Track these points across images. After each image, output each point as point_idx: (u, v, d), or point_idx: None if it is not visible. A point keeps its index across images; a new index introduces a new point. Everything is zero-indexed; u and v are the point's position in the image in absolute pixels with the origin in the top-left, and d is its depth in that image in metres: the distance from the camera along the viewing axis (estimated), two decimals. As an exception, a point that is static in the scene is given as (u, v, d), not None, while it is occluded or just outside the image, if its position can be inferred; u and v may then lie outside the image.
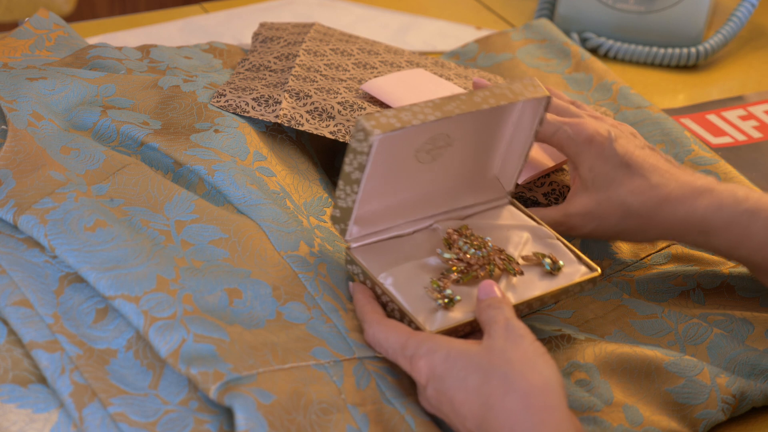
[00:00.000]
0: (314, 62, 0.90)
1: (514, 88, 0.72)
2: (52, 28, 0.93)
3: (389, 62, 0.95)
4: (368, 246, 0.73)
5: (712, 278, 0.80)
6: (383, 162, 0.71)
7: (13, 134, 0.75)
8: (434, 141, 0.72)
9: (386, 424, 0.63)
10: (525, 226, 0.76)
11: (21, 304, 0.66)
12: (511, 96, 0.71)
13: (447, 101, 0.69)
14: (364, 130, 0.66)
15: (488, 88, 0.72)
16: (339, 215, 0.71)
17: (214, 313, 0.65)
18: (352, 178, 0.68)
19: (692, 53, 1.16)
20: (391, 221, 0.74)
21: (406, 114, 0.68)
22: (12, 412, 0.62)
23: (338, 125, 0.81)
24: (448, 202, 0.76)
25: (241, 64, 0.90)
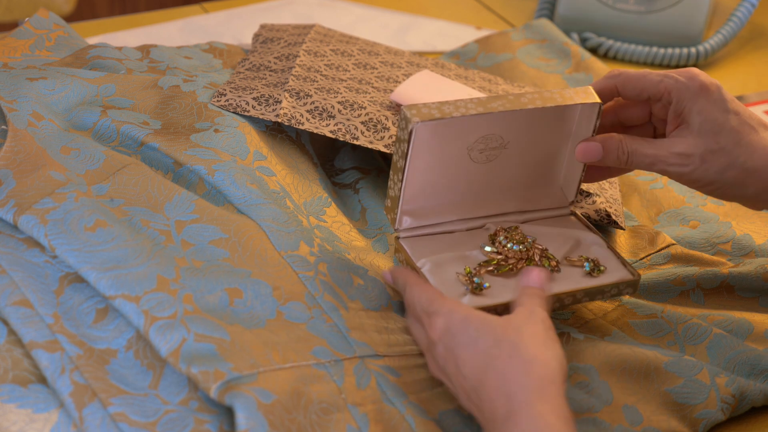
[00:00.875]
0: (314, 62, 0.90)
1: (564, 93, 0.73)
2: (52, 28, 0.93)
3: (389, 63, 0.95)
4: (416, 238, 0.75)
5: (711, 278, 0.80)
6: (431, 154, 0.73)
7: (13, 134, 0.75)
8: (486, 141, 0.74)
9: (386, 423, 0.63)
10: (578, 233, 0.77)
11: (21, 304, 0.66)
12: (559, 100, 0.72)
13: (492, 99, 0.71)
14: (405, 118, 0.69)
15: (537, 91, 0.73)
16: (389, 204, 0.74)
17: (215, 313, 0.65)
18: (398, 167, 0.71)
19: (692, 53, 1.16)
20: (444, 217, 0.76)
21: (448, 107, 0.70)
22: (12, 412, 0.62)
23: (338, 124, 0.81)
24: (505, 205, 0.78)
25: (242, 64, 0.90)
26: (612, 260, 0.75)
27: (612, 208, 0.84)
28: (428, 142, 0.72)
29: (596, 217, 0.82)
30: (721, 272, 0.80)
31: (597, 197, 0.84)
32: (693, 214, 0.89)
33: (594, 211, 0.83)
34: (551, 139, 0.76)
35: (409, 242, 0.75)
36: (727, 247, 0.85)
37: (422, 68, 0.96)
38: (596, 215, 0.82)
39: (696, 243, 0.85)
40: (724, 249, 0.85)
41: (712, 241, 0.86)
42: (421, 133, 0.71)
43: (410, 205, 0.75)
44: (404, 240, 0.75)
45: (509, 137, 0.74)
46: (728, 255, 0.85)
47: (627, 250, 0.84)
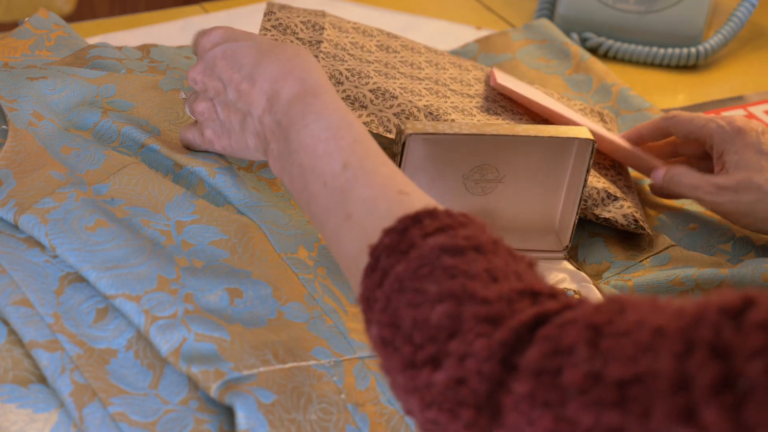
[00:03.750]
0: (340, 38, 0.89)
1: (558, 128, 0.74)
2: (52, 28, 0.93)
3: (409, 47, 0.94)
4: None
5: (711, 279, 0.80)
6: (425, 174, 0.73)
7: (13, 134, 0.75)
8: (482, 172, 0.75)
9: (386, 424, 0.64)
10: (568, 271, 0.77)
11: (21, 304, 0.66)
12: (554, 132, 0.73)
13: (488, 125, 0.73)
14: (399, 131, 0.72)
15: (533, 125, 0.75)
16: None
17: (215, 313, 0.65)
18: None
19: (692, 53, 1.16)
20: None
21: (442, 125, 0.72)
22: (12, 412, 0.62)
23: (371, 115, 0.80)
24: None
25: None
26: (596, 295, 0.77)
27: (638, 213, 0.84)
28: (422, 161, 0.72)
29: (624, 222, 0.82)
30: (721, 272, 0.80)
31: (624, 201, 0.84)
32: (693, 217, 0.89)
33: (622, 215, 0.83)
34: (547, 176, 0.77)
35: None
36: (726, 247, 0.85)
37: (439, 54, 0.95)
38: (624, 220, 0.82)
39: (696, 244, 0.85)
40: (723, 250, 0.85)
41: (711, 241, 0.86)
42: (414, 148, 0.71)
43: None
44: None
45: (505, 170, 0.75)
46: (728, 255, 0.85)
47: (627, 251, 0.84)
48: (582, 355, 0.44)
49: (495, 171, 0.76)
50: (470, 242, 0.52)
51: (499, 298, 0.49)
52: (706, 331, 0.41)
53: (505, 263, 0.51)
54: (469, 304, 0.49)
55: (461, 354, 0.48)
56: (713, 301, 0.42)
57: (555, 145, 0.76)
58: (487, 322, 0.48)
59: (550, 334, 0.46)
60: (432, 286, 0.50)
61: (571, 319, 0.46)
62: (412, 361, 0.50)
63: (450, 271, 0.50)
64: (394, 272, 0.52)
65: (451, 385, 0.48)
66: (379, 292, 0.53)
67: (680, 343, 0.41)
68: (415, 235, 0.53)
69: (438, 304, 0.49)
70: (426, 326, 0.50)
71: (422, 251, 0.52)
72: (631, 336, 0.43)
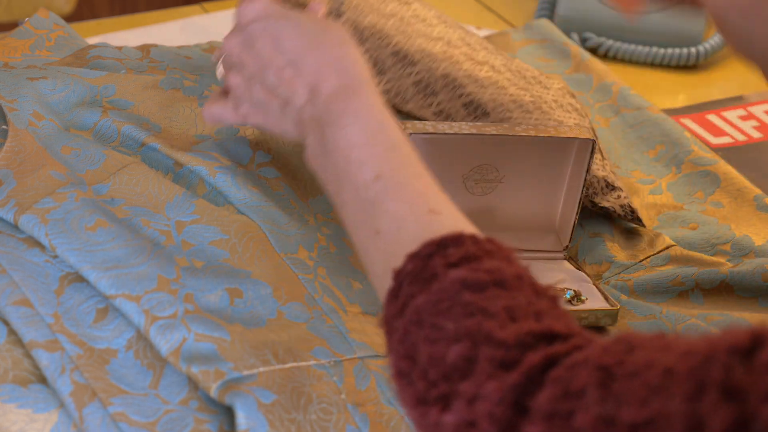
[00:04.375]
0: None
1: (558, 127, 0.74)
2: (52, 28, 0.93)
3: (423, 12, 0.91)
4: None
5: (710, 278, 0.80)
6: None
7: (13, 134, 0.75)
8: (482, 172, 0.75)
9: (386, 424, 0.64)
10: (568, 270, 0.78)
11: (21, 304, 0.66)
12: (553, 132, 0.73)
13: (487, 125, 0.73)
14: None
15: (532, 124, 0.75)
16: None
17: (215, 312, 0.65)
18: None
19: (692, 53, 1.16)
20: None
21: (443, 125, 0.72)
22: (12, 412, 0.62)
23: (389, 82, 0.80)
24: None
25: None
26: (596, 295, 0.77)
27: (633, 204, 0.84)
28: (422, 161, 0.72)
29: (621, 213, 0.83)
30: (721, 272, 0.80)
31: (621, 191, 0.84)
32: (692, 217, 0.89)
33: (620, 206, 0.83)
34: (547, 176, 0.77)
35: None
36: (726, 247, 0.85)
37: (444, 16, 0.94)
38: (621, 210, 0.83)
39: (695, 244, 0.85)
40: (723, 250, 0.85)
41: (711, 241, 0.86)
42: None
43: None
44: None
45: (505, 170, 0.75)
46: (728, 255, 0.85)
47: (627, 251, 0.84)
48: (593, 398, 0.44)
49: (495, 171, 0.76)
50: (493, 276, 0.51)
51: (515, 341, 0.48)
52: (717, 371, 0.40)
53: (527, 301, 0.50)
54: (484, 347, 0.48)
55: (472, 396, 0.47)
56: (722, 340, 0.42)
57: (555, 145, 0.76)
58: (500, 366, 0.48)
59: (560, 376, 0.46)
60: (450, 324, 0.50)
61: (581, 360, 0.46)
62: (425, 398, 0.50)
63: (469, 308, 0.50)
64: (414, 304, 0.51)
65: (460, 427, 0.48)
66: (399, 322, 0.52)
67: (691, 384, 0.41)
68: (438, 264, 0.52)
69: (454, 344, 0.49)
70: (441, 364, 0.49)
71: (443, 284, 0.51)
72: (642, 377, 0.43)
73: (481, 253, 0.52)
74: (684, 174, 0.93)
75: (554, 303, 0.52)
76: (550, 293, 0.52)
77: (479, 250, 0.53)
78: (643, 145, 0.97)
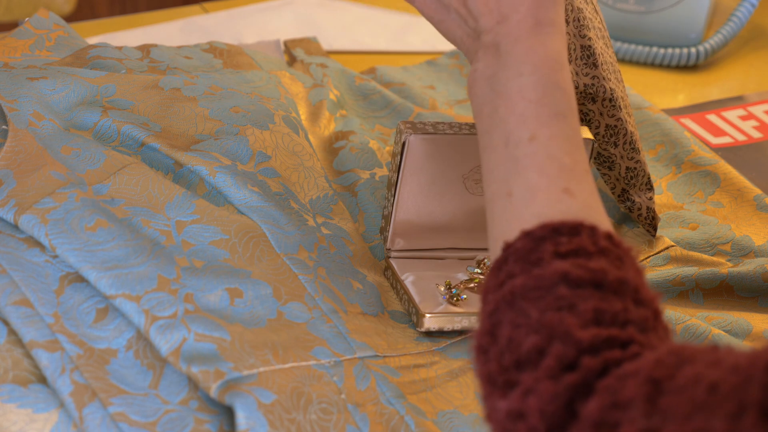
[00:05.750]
0: None
1: None
2: (52, 28, 0.93)
3: None
4: (408, 259, 0.76)
5: (710, 278, 0.80)
6: (425, 175, 0.73)
7: (13, 134, 0.75)
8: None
9: (386, 424, 0.64)
10: None
11: (21, 304, 0.66)
12: None
13: None
14: (399, 131, 0.72)
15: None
16: (383, 224, 0.76)
17: (215, 312, 0.65)
18: (391, 182, 0.73)
19: (692, 53, 1.16)
20: (438, 244, 0.77)
21: (443, 125, 0.73)
22: (12, 412, 0.62)
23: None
24: None
25: None
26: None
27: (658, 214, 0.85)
28: (422, 162, 0.73)
29: (645, 213, 0.83)
30: (721, 272, 0.80)
31: (653, 194, 0.84)
32: (692, 217, 0.89)
33: (646, 207, 0.83)
34: None
35: (398, 262, 0.76)
36: (726, 247, 0.85)
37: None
38: (646, 212, 0.83)
39: (695, 244, 0.85)
40: (723, 250, 0.85)
41: (711, 242, 0.86)
42: (414, 148, 0.72)
43: (403, 228, 0.76)
44: (394, 260, 0.76)
45: None
46: (728, 255, 0.85)
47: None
48: (639, 411, 0.44)
49: None
50: (594, 276, 0.50)
51: (590, 343, 0.48)
52: (756, 390, 0.41)
53: (622, 307, 0.50)
54: (558, 342, 0.48)
55: (527, 388, 0.48)
56: (762, 356, 0.42)
57: None
58: (566, 364, 0.48)
59: (610, 385, 0.46)
60: (535, 312, 0.50)
61: (633, 371, 0.46)
62: (494, 379, 0.50)
63: (559, 303, 0.49)
64: (511, 283, 0.51)
65: (512, 416, 0.48)
66: (493, 296, 0.52)
67: (733, 403, 0.41)
68: (547, 250, 0.51)
69: (533, 334, 0.49)
70: (516, 351, 0.49)
71: (544, 272, 0.51)
72: (688, 393, 0.43)
73: (594, 249, 0.52)
74: (684, 174, 0.93)
75: (655, 314, 0.51)
76: (653, 305, 0.51)
77: (592, 246, 0.52)
78: (643, 145, 0.97)
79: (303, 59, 0.99)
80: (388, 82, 1.01)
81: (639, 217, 0.83)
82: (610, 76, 0.82)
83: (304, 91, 0.92)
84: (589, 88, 0.80)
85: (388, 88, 0.99)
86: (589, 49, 0.80)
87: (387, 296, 0.74)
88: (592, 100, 0.79)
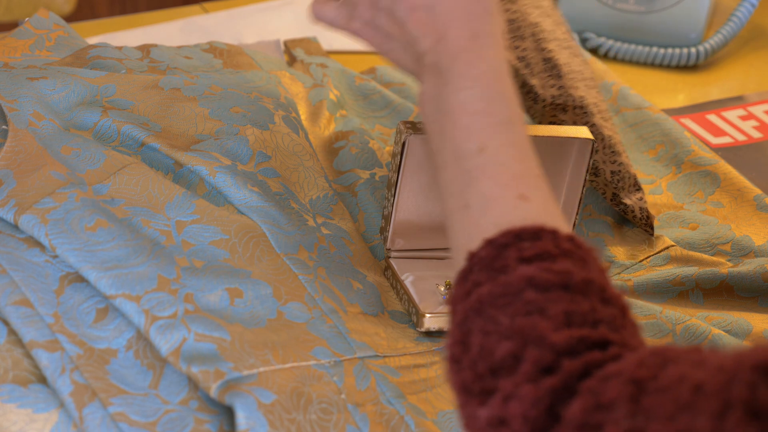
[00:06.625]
0: None
1: (558, 128, 0.75)
2: (52, 28, 0.93)
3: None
4: (408, 259, 0.76)
5: (710, 278, 0.80)
6: (424, 173, 0.73)
7: (13, 134, 0.75)
8: None
9: (386, 424, 0.64)
10: None
11: (21, 304, 0.66)
12: (554, 132, 0.74)
13: None
14: (399, 131, 0.72)
15: (533, 125, 0.75)
16: (383, 224, 0.76)
17: (215, 312, 0.65)
18: (391, 182, 0.73)
19: (692, 53, 1.16)
20: (438, 245, 0.77)
21: None
22: (12, 412, 0.62)
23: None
24: None
25: None
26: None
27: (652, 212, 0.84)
28: (422, 162, 0.73)
29: (639, 215, 0.83)
30: (721, 272, 0.80)
31: (643, 194, 0.84)
32: (692, 217, 0.89)
33: (639, 208, 0.83)
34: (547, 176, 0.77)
35: (398, 262, 0.76)
36: (726, 247, 0.85)
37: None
38: (639, 212, 0.83)
39: (695, 244, 0.85)
40: (723, 249, 0.85)
41: (711, 241, 0.86)
42: (414, 148, 0.72)
43: (403, 228, 0.76)
44: (394, 260, 0.76)
45: None
46: (728, 255, 0.85)
47: (626, 252, 0.84)
48: (623, 412, 0.44)
49: None
50: (561, 279, 0.50)
51: (565, 346, 0.48)
52: (741, 389, 0.41)
53: (590, 307, 0.50)
54: (532, 347, 0.48)
55: (508, 394, 0.48)
56: (749, 356, 0.42)
57: (555, 145, 0.76)
58: (543, 369, 0.48)
59: (593, 386, 0.46)
60: (506, 319, 0.50)
61: (615, 372, 0.46)
62: (469, 388, 0.50)
63: (528, 307, 0.50)
64: (478, 291, 0.51)
65: (493, 423, 0.48)
66: (461, 306, 0.52)
67: (718, 402, 0.41)
68: (511, 256, 0.52)
69: (505, 340, 0.49)
70: (490, 358, 0.49)
71: (510, 278, 0.51)
72: (672, 393, 0.43)
73: (557, 251, 0.52)
74: (684, 174, 0.93)
75: (622, 312, 0.51)
76: (620, 302, 0.51)
77: (555, 249, 0.52)
78: (643, 145, 0.97)
79: (303, 59, 0.99)
80: (388, 82, 1.01)
81: (634, 219, 0.83)
82: (578, 84, 0.82)
83: (304, 91, 0.92)
84: (557, 99, 0.80)
85: (388, 88, 0.99)
86: (551, 60, 0.80)
87: (387, 296, 0.74)
88: (563, 110, 0.80)
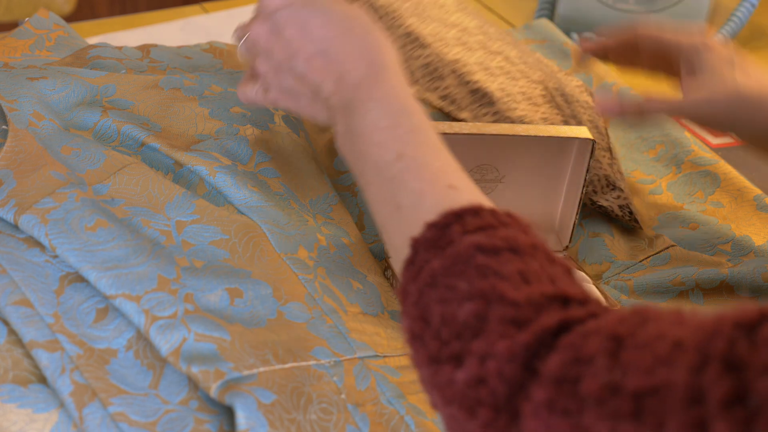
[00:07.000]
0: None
1: (558, 128, 0.75)
2: (52, 28, 0.93)
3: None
4: None
5: (710, 278, 0.80)
6: None
7: (13, 134, 0.75)
8: (482, 172, 0.75)
9: (386, 424, 0.64)
10: None
11: (21, 304, 0.66)
12: (553, 132, 0.74)
13: (489, 125, 0.73)
14: None
15: (534, 125, 0.75)
16: None
17: (215, 312, 0.65)
18: None
19: (692, 53, 1.16)
20: None
21: (443, 125, 0.72)
22: (12, 412, 0.62)
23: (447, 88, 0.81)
24: None
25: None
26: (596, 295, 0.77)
27: (632, 205, 0.84)
28: None
29: (619, 213, 0.83)
30: (721, 272, 0.80)
31: (622, 192, 0.84)
32: (692, 217, 0.89)
33: (618, 206, 0.83)
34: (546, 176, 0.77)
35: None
36: (726, 247, 0.85)
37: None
38: (619, 210, 0.83)
39: (695, 244, 0.85)
40: (723, 249, 0.85)
41: (711, 241, 0.86)
42: None
43: None
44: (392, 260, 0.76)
45: (505, 170, 0.76)
46: (728, 255, 0.85)
47: (627, 251, 0.84)
48: (601, 366, 0.44)
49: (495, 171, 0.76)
50: (507, 243, 0.52)
51: (527, 301, 0.49)
52: (721, 344, 0.41)
53: (540, 267, 0.51)
54: (496, 305, 0.49)
55: (483, 354, 0.48)
56: (730, 314, 0.42)
57: (555, 145, 0.76)
58: (512, 324, 0.48)
59: (572, 342, 0.46)
60: (463, 284, 0.50)
61: (595, 328, 0.46)
62: (437, 357, 0.50)
63: (482, 270, 0.50)
64: (428, 267, 0.52)
65: (471, 384, 0.48)
66: (413, 286, 0.53)
67: (696, 356, 0.41)
68: (455, 231, 0.53)
69: (467, 302, 0.50)
70: (453, 323, 0.50)
71: (458, 248, 0.52)
72: (651, 348, 0.43)
73: (498, 223, 0.53)
74: (684, 174, 0.93)
75: (568, 272, 0.52)
76: (564, 263, 0.53)
77: (496, 221, 0.53)
78: (643, 145, 0.97)
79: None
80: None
81: (617, 218, 0.84)
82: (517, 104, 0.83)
83: (304, 91, 0.92)
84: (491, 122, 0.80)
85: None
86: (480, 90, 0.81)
87: (387, 296, 0.74)
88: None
